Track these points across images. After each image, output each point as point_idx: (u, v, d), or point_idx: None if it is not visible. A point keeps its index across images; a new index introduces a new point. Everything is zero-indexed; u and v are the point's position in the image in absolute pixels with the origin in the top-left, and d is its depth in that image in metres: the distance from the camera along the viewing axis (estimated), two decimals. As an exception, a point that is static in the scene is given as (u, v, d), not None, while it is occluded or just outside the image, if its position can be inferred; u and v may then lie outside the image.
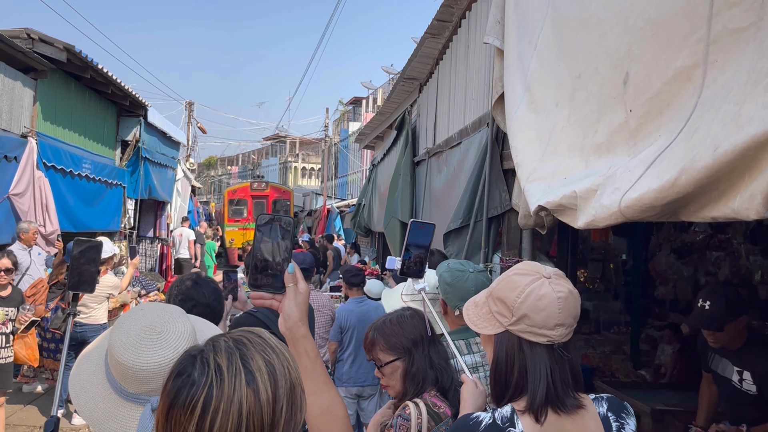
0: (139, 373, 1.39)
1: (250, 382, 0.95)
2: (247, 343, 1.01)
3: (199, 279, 2.50)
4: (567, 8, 2.28)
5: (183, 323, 1.49)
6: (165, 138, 14.61)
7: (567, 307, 1.50)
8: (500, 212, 3.49)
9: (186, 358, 0.99)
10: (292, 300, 1.35)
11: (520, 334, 1.52)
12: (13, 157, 7.52)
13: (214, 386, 0.93)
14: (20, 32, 8.01)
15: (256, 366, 0.97)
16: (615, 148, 1.84)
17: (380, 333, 2.21)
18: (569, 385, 1.50)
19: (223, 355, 0.97)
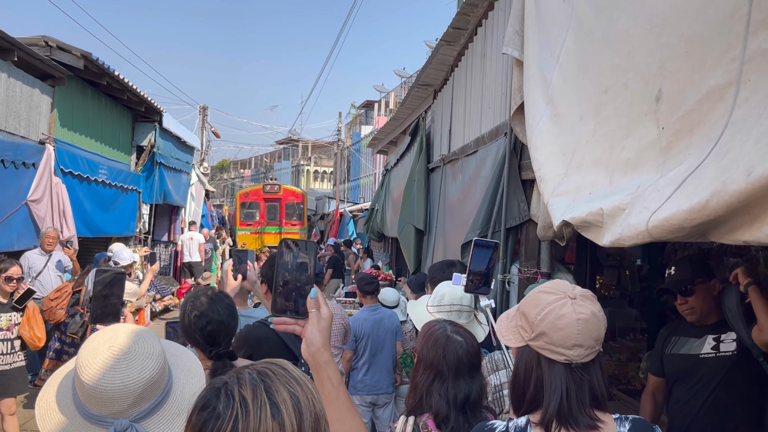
0: (102, 393, 1.37)
1: (275, 414, 0.95)
2: (271, 375, 1.01)
3: (214, 295, 2.48)
4: (592, 22, 2.26)
5: (152, 344, 1.46)
6: (179, 143, 14.70)
7: (587, 329, 1.50)
8: (519, 223, 3.48)
9: (210, 391, 0.99)
10: (315, 325, 1.35)
11: (538, 350, 1.55)
12: (31, 163, 7.60)
13: (239, 420, 0.93)
14: (38, 40, 8.10)
15: (281, 398, 0.97)
16: (643, 165, 1.82)
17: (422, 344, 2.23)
18: (586, 404, 1.50)
19: (248, 388, 0.97)
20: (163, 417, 1.44)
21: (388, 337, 5.39)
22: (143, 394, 1.40)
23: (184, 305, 2.47)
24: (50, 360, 6.89)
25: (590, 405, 1.51)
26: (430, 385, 2.12)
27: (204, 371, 1.71)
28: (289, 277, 1.38)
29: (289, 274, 1.39)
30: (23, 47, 7.30)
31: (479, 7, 4.83)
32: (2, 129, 7.18)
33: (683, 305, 2.91)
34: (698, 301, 2.87)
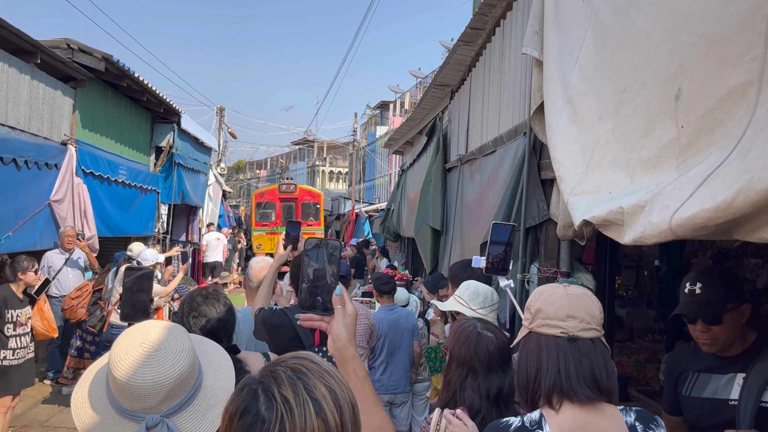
0: (134, 390, 1.40)
1: (318, 411, 0.96)
2: (306, 371, 1.02)
3: (209, 294, 2.53)
4: (611, 22, 2.27)
5: (182, 342, 1.49)
6: (197, 144, 14.84)
7: (579, 303, 1.66)
8: (538, 222, 3.48)
9: (248, 394, 0.99)
10: (340, 321, 1.39)
11: (537, 330, 1.68)
12: (54, 164, 7.73)
13: (286, 420, 0.94)
14: (60, 42, 8.23)
15: (321, 394, 0.99)
16: (663, 164, 1.83)
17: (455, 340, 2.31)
18: (586, 380, 1.57)
19: (288, 387, 0.97)
20: (194, 412, 1.47)
21: (405, 336, 5.42)
22: (174, 390, 1.43)
23: (181, 308, 2.50)
24: (72, 358, 7.03)
25: (591, 386, 1.57)
26: (464, 380, 2.18)
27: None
28: (315, 274, 1.42)
29: (315, 271, 1.42)
30: (46, 50, 7.43)
31: (497, 7, 4.83)
32: (26, 130, 7.31)
33: (704, 333, 2.30)
34: (725, 332, 2.25)
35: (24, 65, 7.18)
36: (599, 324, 1.68)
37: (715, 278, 2.30)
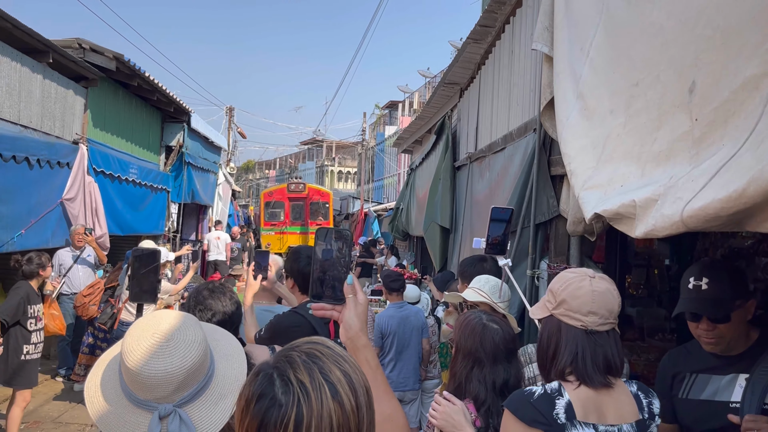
0: (146, 380, 1.40)
1: (334, 394, 0.97)
2: (320, 355, 1.02)
3: (215, 288, 2.54)
4: (623, 16, 2.27)
5: (194, 332, 1.49)
6: (207, 143, 14.91)
7: (602, 299, 1.80)
8: (548, 218, 3.48)
9: (263, 378, 1.00)
10: (352, 310, 1.40)
11: (559, 317, 1.83)
12: (66, 163, 7.79)
13: (302, 404, 0.95)
14: (72, 42, 8.30)
15: (336, 378, 0.99)
16: (675, 157, 1.82)
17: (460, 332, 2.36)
18: (599, 366, 1.77)
19: (303, 371, 0.98)
20: (206, 402, 1.48)
21: (414, 333, 5.43)
22: (185, 381, 1.43)
23: (187, 302, 2.52)
24: (83, 355, 7.08)
25: (604, 370, 1.77)
26: (469, 372, 2.20)
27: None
28: (326, 264, 1.43)
29: (327, 262, 1.43)
30: (58, 49, 7.49)
31: (507, 4, 4.83)
32: (38, 129, 7.37)
33: (709, 332, 2.15)
34: (731, 330, 2.12)
35: (36, 65, 7.24)
36: (616, 317, 1.85)
37: (722, 272, 2.13)
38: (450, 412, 1.97)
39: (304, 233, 21.60)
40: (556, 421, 1.70)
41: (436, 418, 1.98)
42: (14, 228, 6.65)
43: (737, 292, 2.09)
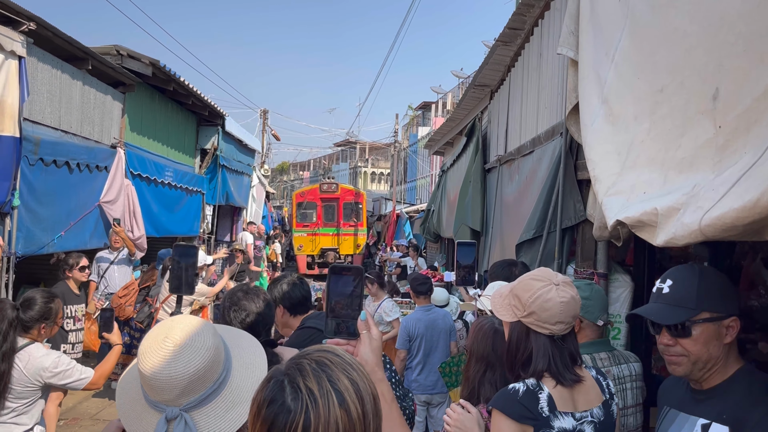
0: (152, 381, 1.45)
1: (341, 402, 1.01)
2: (329, 363, 1.06)
3: (250, 290, 2.62)
4: (648, 22, 2.25)
5: (204, 339, 1.51)
6: (241, 146, 15.13)
7: (568, 309, 1.92)
8: (574, 223, 3.45)
9: (274, 385, 1.04)
10: (367, 346, 1.44)
11: (528, 325, 1.96)
12: (104, 166, 8.01)
13: (310, 410, 0.99)
14: (110, 49, 8.52)
15: (343, 386, 1.03)
16: (699, 164, 1.80)
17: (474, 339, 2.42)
18: (568, 365, 1.93)
19: (312, 379, 1.03)
20: (216, 409, 1.50)
21: (442, 336, 5.43)
22: (190, 386, 1.46)
23: (222, 302, 2.61)
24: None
25: (572, 367, 1.94)
26: (482, 376, 2.23)
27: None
28: (340, 302, 1.48)
29: (340, 299, 1.48)
30: (97, 56, 7.71)
31: (535, 7, 4.80)
32: (77, 134, 7.60)
33: (669, 347, 1.80)
34: (696, 349, 1.72)
35: (76, 71, 7.47)
36: (576, 317, 2.00)
37: (692, 276, 1.78)
38: (464, 420, 1.98)
39: (336, 235, 21.26)
40: (541, 415, 1.85)
41: (450, 425, 2.00)
42: (54, 230, 6.87)
43: (707, 302, 1.72)
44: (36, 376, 3.30)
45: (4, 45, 5.58)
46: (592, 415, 1.94)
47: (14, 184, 5.96)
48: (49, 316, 3.51)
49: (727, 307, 1.73)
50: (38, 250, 6.59)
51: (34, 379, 3.30)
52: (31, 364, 3.29)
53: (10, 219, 6.03)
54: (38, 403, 3.40)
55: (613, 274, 3.32)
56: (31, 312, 3.42)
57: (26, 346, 3.34)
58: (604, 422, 1.96)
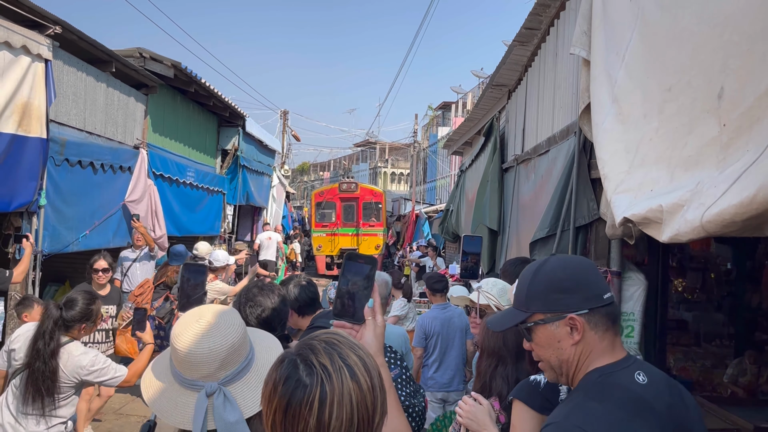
0: (192, 357, 1.57)
1: (353, 375, 1.09)
2: (337, 343, 1.14)
3: (264, 286, 2.69)
4: (657, 22, 2.27)
5: (233, 317, 1.66)
6: (261, 146, 15.28)
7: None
8: (588, 221, 3.46)
9: (287, 364, 1.11)
10: (371, 331, 1.50)
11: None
12: (127, 167, 8.17)
13: (325, 384, 1.06)
14: (133, 51, 8.69)
15: (353, 361, 1.11)
16: (704, 162, 1.83)
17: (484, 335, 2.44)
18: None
19: (324, 356, 1.10)
20: (248, 383, 1.63)
21: (458, 335, 5.46)
22: (228, 359, 1.59)
23: (238, 299, 2.68)
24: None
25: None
26: (494, 370, 2.26)
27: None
28: (351, 286, 1.54)
29: (351, 283, 1.54)
30: (120, 59, 7.87)
31: (551, 7, 4.82)
32: (102, 135, 7.76)
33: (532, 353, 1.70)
34: (541, 351, 1.63)
35: (100, 74, 7.63)
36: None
37: (526, 274, 1.67)
38: (476, 412, 2.03)
39: (355, 235, 20.99)
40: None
41: (462, 416, 2.05)
42: (79, 229, 7.03)
43: (538, 303, 1.60)
44: (74, 373, 3.44)
45: (31, 48, 5.74)
46: None
47: (41, 184, 6.13)
48: (90, 317, 3.63)
49: (562, 304, 1.55)
50: (63, 248, 6.75)
51: (72, 376, 3.44)
52: (70, 362, 3.44)
53: (37, 218, 6.20)
54: (73, 398, 3.55)
55: (626, 272, 3.33)
56: (72, 312, 3.54)
57: (66, 344, 3.47)
58: None
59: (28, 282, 6.13)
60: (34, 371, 3.32)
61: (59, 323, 3.44)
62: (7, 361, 3.57)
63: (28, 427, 3.36)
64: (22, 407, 3.36)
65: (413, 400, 2.86)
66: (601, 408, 1.39)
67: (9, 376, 3.52)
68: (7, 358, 3.57)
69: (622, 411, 1.38)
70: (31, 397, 3.33)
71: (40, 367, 3.31)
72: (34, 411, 3.36)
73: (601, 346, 1.53)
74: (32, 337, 3.39)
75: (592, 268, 1.60)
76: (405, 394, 2.79)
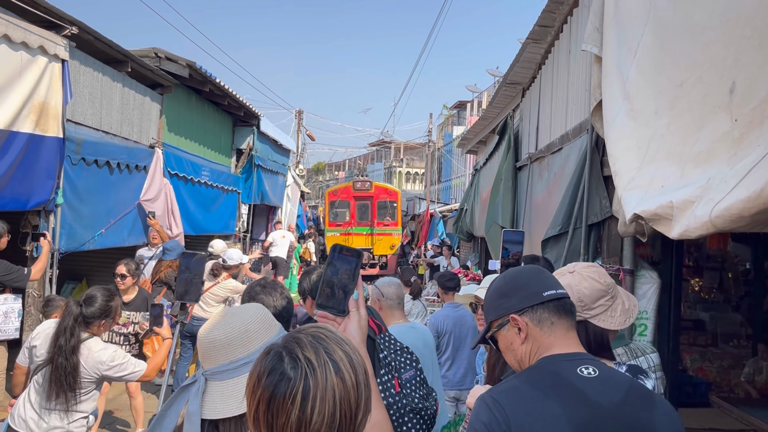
0: (200, 343, 1.57)
1: (337, 371, 1.08)
2: (324, 337, 1.13)
3: (267, 284, 2.70)
4: (669, 17, 2.25)
5: (243, 319, 1.58)
6: (276, 146, 15.33)
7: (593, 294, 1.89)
8: (600, 219, 3.45)
9: (273, 356, 1.11)
10: (355, 323, 1.50)
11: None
12: (143, 166, 8.24)
13: (309, 378, 1.06)
14: (149, 52, 8.75)
15: (338, 357, 1.10)
16: (715, 157, 1.82)
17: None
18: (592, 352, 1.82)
19: (310, 350, 1.09)
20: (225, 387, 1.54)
21: (471, 333, 5.44)
22: (207, 353, 1.55)
23: (242, 298, 2.67)
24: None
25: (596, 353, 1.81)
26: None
27: None
28: (336, 278, 1.54)
29: (336, 275, 1.54)
30: (136, 59, 7.94)
31: (564, 4, 4.79)
32: (117, 134, 7.84)
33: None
34: (506, 356, 1.71)
35: (116, 74, 7.71)
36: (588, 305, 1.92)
37: (499, 276, 1.75)
38: None
39: (370, 234, 20.54)
40: None
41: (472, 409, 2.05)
42: (95, 228, 7.11)
43: (492, 311, 1.69)
44: (94, 369, 3.49)
45: (48, 49, 5.81)
46: None
47: (58, 183, 6.20)
48: (109, 313, 3.69)
49: (504, 308, 1.65)
50: (80, 246, 6.83)
51: (93, 371, 3.50)
52: (90, 358, 3.49)
53: (54, 216, 6.27)
54: (94, 393, 3.60)
55: (639, 270, 3.31)
56: (92, 308, 3.59)
57: (86, 340, 3.53)
58: None
59: (45, 280, 6.21)
60: (56, 367, 3.38)
61: (79, 320, 3.49)
62: (29, 357, 3.63)
63: (51, 422, 3.43)
64: (46, 403, 3.43)
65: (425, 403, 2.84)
66: (519, 384, 1.49)
67: (31, 373, 3.58)
68: (28, 354, 3.64)
69: (538, 390, 1.46)
70: (55, 393, 3.39)
71: (62, 362, 3.37)
72: (57, 406, 3.43)
73: (549, 340, 1.58)
74: (53, 334, 3.46)
75: (535, 272, 1.68)
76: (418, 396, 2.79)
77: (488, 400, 1.47)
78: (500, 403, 1.44)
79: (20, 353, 3.74)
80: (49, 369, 3.43)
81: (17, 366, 3.74)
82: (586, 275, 1.94)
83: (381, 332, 2.99)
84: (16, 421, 3.45)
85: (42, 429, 3.41)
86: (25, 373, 3.68)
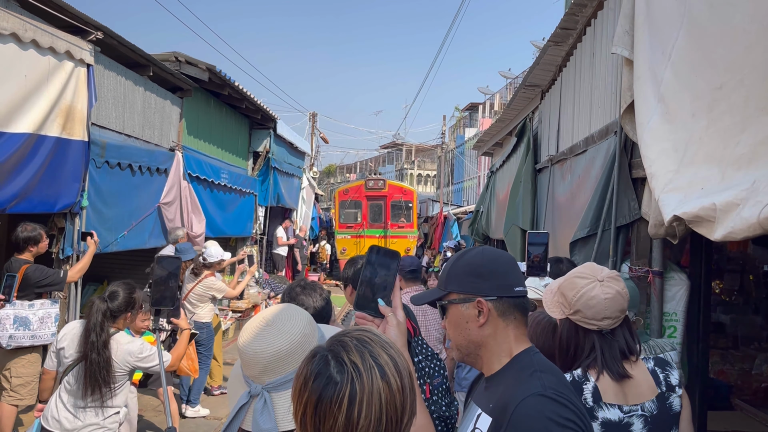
0: (241, 354, 1.57)
1: (383, 375, 1.09)
2: (369, 341, 1.14)
3: (307, 285, 2.72)
4: (706, 20, 2.27)
5: (292, 325, 1.57)
6: (292, 148, 15.42)
7: (613, 305, 2.01)
8: (629, 221, 3.45)
9: (318, 360, 1.12)
10: (394, 327, 1.51)
11: (576, 322, 2.05)
12: (164, 169, 8.32)
13: (356, 382, 1.07)
14: (169, 56, 8.85)
15: (384, 360, 1.11)
16: (758, 160, 1.83)
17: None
18: (617, 359, 2.00)
19: (356, 354, 1.10)
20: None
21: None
22: (271, 366, 1.54)
23: (282, 299, 2.71)
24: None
25: (620, 360, 2.00)
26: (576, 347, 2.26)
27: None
28: (373, 280, 1.55)
29: (374, 276, 1.55)
30: (158, 63, 8.02)
31: (588, 7, 4.80)
32: (139, 137, 7.93)
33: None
34: (450, 330, 1.66)
35: (138, 78, 7.79)
36: (625, 310, 2.07)
37: (453, 257, 1.71)
38: None
39: (383, 237, 19.07)
40: (585, 405, 1.89)
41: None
42: (117, 230, 7.19)
43: (455, 283, 1.64)
44: (124, 362, 3.59)
45: (74, 54, 5.89)
46: (643, 408, 1.99)
47: (83, 186, 6.28)
48: (134, 306, 3.77)
49: (476, 287, 1.60)
50: (104, 248, 6.90)
51: (123, 364, 3.60)
52: (120, 351, 3.60)
53: (79, 219, 6.35)
54: (125, 386, 3.69)
55: (668, 272, 3.31)
56: (117, 302, 3.68)
57: (114, 335, 3.63)
58: (658, 416, 1.98)
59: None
60: (90, 363, 3.46)
61: (107, 314, 3.58)
62: (57, 360, 3.69)
63: (87, 419, 3.50)
64: (80, 401, 3.50)
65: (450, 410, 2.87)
66: (556, 379, 1.54)
67: (60, 375, 3.65)
68: (56, 357, 3.69)
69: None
70: (90, 389, 3.47)
71: (95, 358, 3.46)
72: (92, 403, 3.51)
73: (507, 332, 1.60)
74: (83, 332, 3.53)
75: (511, 263, 1.67)
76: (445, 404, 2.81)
77: (555, 396, 1.44)
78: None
79: (47, 358, 3.79)
80: (81, 367, 3.51)
81: (45, 371, 3.79)
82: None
83: (416, 335, 3.02)
84: (50, 422, 3.51)
85: (77, 427, 3.48)
86: (53, 377, 3.74)
